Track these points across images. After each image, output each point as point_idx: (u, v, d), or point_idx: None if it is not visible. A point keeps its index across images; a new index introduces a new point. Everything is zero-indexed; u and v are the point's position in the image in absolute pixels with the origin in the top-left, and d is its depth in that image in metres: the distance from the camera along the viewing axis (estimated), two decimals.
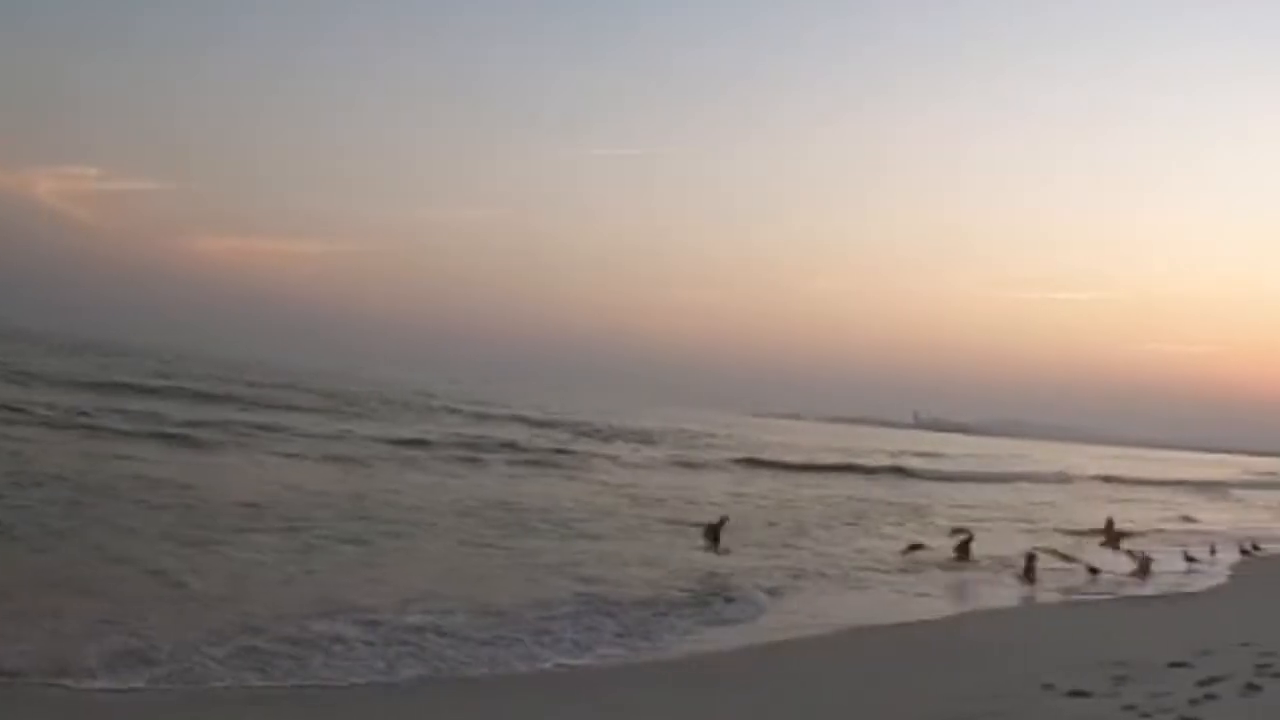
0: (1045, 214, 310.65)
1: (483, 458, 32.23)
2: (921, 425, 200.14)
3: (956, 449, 75.68)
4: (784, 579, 15.61)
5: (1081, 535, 25.27)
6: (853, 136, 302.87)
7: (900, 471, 46.93)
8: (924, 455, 62.36)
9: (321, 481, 22.59)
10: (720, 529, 16.88)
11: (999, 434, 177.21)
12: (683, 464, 40.59)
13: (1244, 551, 22.96)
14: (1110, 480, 56.50)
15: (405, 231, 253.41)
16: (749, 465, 42.56)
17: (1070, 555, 19.45)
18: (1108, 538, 21.20)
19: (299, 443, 30.05)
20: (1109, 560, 19.44)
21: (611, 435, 51.06)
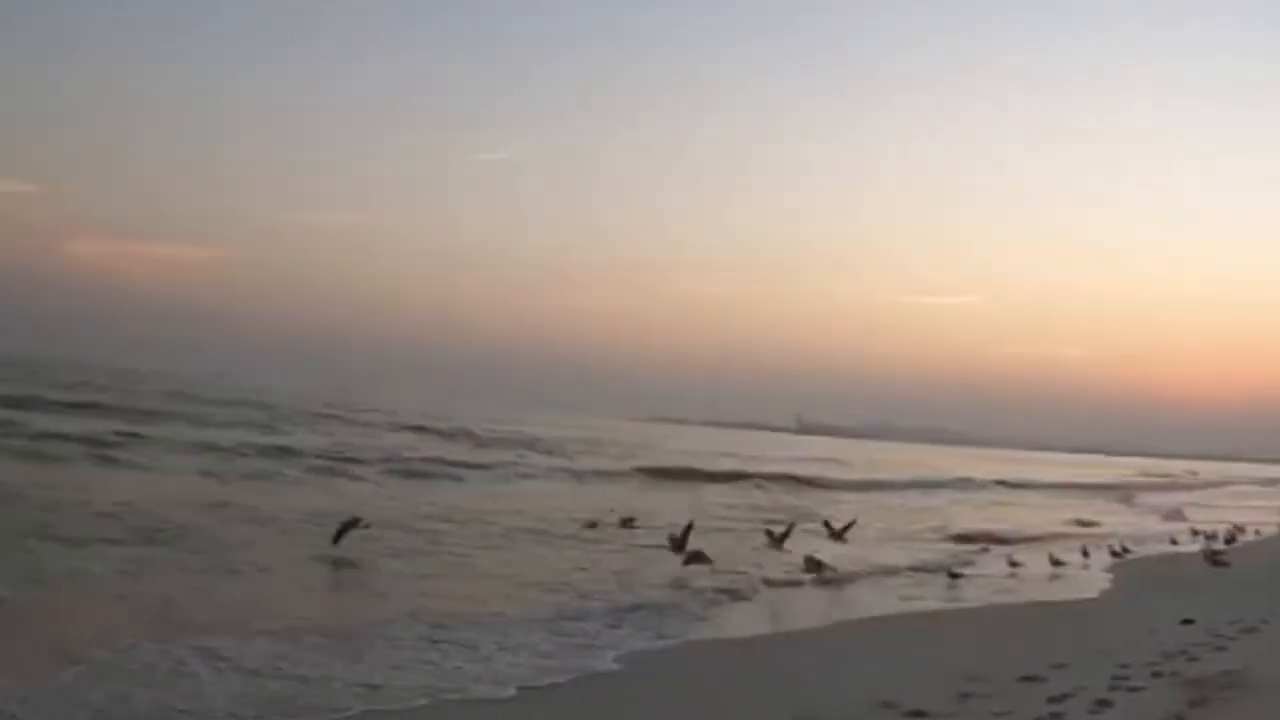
0: (920, 219, 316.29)
1: (355, 469, 30.92)
2: (804, 429, 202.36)
3: (854, 455, 76.23)
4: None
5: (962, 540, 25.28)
6: (730, 140, 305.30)
7: (796, 479, 46.00)
8: (821, 461, 62.52)
9: (185, 491, 21.44)
10: (687, 537, 16.62)
11: (878, 437, 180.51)
12: (578, 473, 39.41)
13: (1114, 554, 22.93)
14: (1016, 485, 56.78)
15: (278, 235, 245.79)
16: (652, 475, 41.12)
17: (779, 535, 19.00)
18: (831, 533, 21.16)
19: (161, 451, 28.66)
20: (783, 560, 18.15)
21: (495, 442, 49.53)
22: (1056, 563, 20.32)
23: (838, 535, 21.17)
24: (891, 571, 18.80)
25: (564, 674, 9.64)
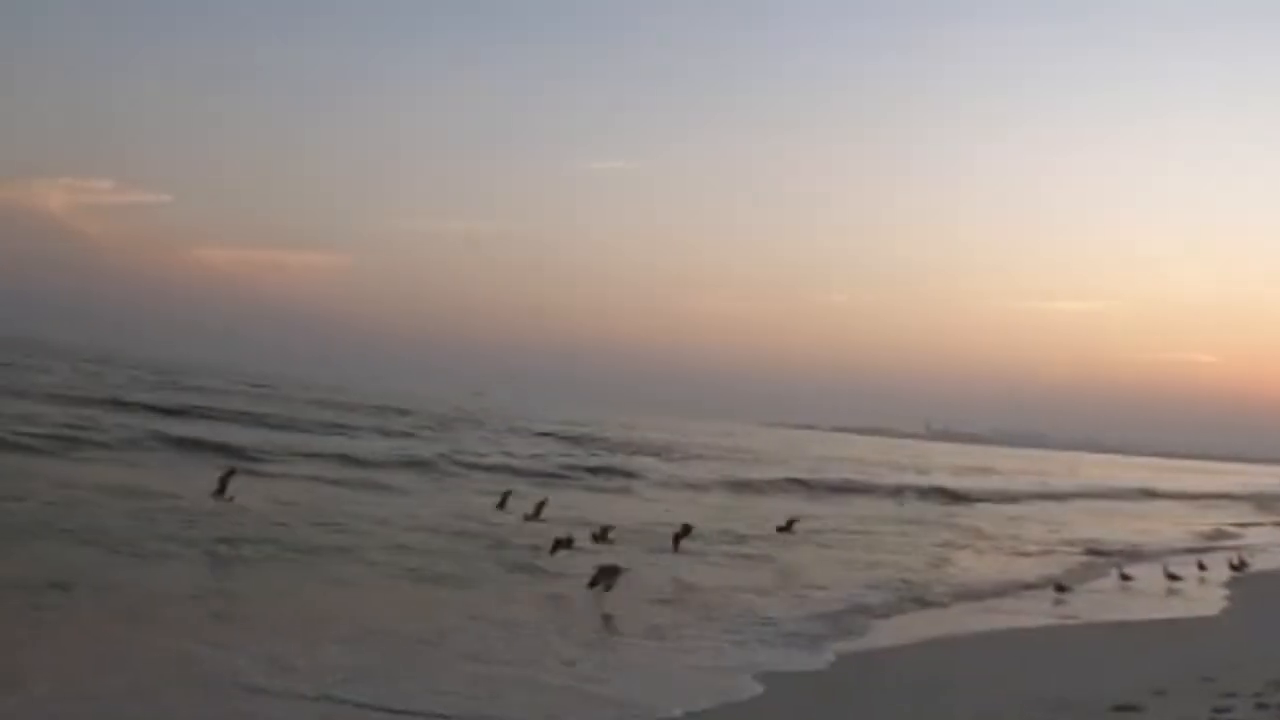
0: (1057, 224, 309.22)
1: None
2: (934, 436, 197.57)
3: (1007, 465, 73.31)
4: None
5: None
6: (867, 147, 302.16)
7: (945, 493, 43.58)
8: (974, 471, 60.27)
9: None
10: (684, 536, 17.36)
11: (1011, 444, 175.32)
12: (735, 484, 37.98)
13: (1233, 567, 21.71)
14: (1152, 494, 54.18)
15: (402, 242, 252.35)
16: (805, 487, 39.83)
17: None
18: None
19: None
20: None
21: (650, 451, 48.72)
22: (1172, 577, 19.21)
23: (601, 537, 19.04)
24: (1000, 587, 17.80)
25: None
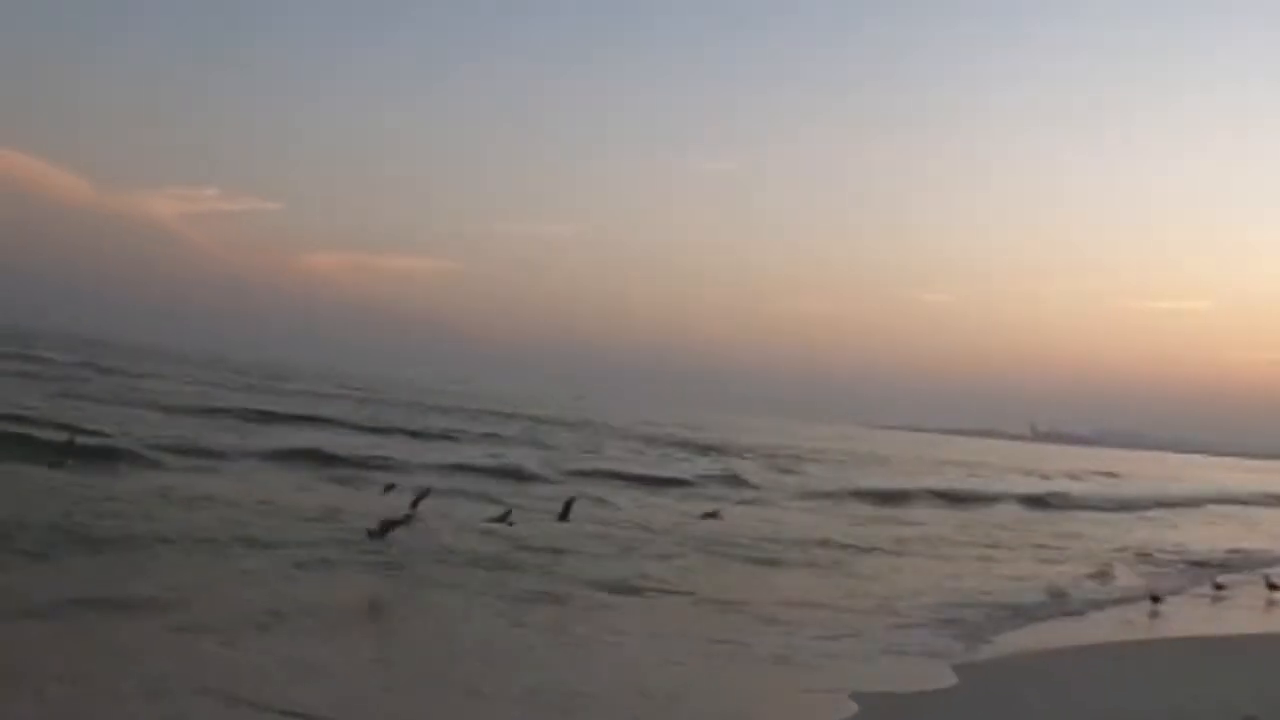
0: (1161, 221, 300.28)
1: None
2: (1039, 437, 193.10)
3: (1127, 467, 71.19)
4: None
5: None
6: (969, 145, 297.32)
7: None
8: (1103, 475, 58.68)
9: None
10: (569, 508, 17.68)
11: (1119, 445, 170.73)
12: (863, 493, 35.33)
13: None
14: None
15: (506, 246, 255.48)
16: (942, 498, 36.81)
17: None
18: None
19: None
20: None
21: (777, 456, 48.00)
22: (1274, 587, 17.48)
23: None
24: (1096, 598, 16.40)
25: None
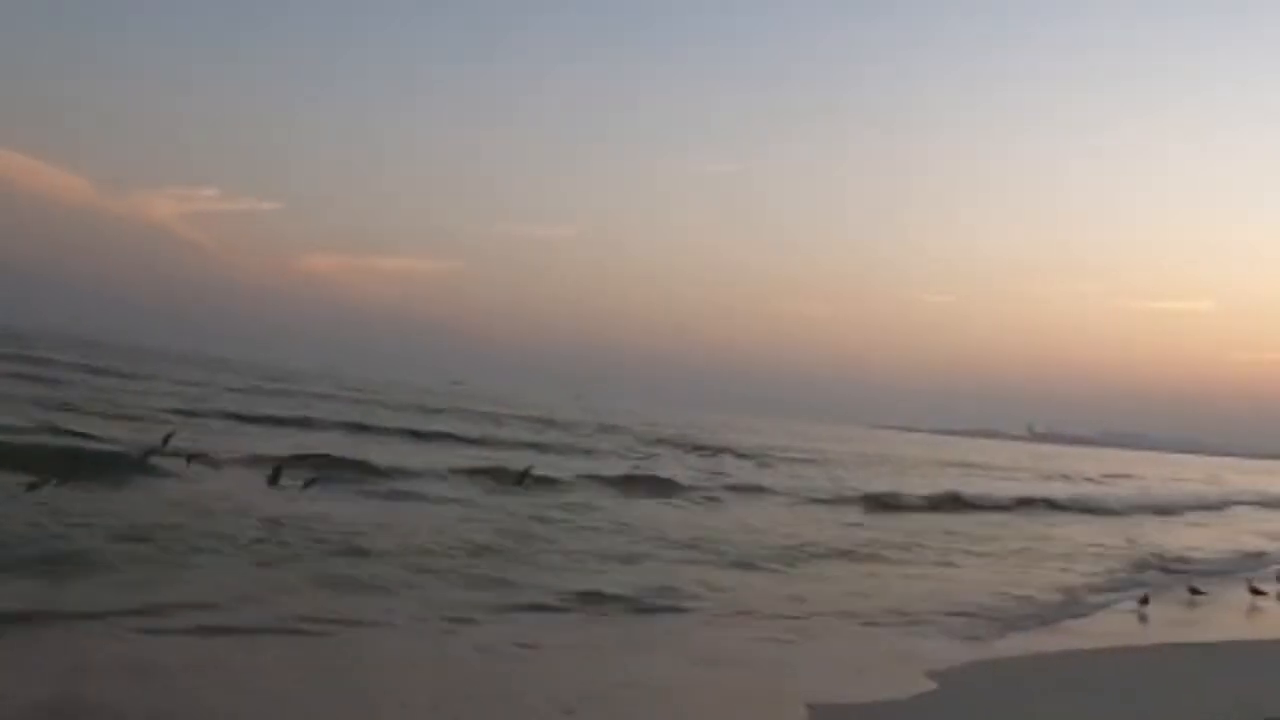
0: (1161, 222, 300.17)
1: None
2: (1037, 438, 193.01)
3: (1127, 468, 70.94)
4: None
5: None
6: (963, 148, 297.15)
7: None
8: (1102, 476, 58.31)
9: None
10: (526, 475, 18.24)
11: (1119, 446, 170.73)
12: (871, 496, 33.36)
13: None
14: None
15: (505, 248, 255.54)
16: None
17: None
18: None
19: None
20: None
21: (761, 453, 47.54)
22: (1256, 591, 16.69)
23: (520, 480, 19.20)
24: (1089, 604, 15.56)
25: None
